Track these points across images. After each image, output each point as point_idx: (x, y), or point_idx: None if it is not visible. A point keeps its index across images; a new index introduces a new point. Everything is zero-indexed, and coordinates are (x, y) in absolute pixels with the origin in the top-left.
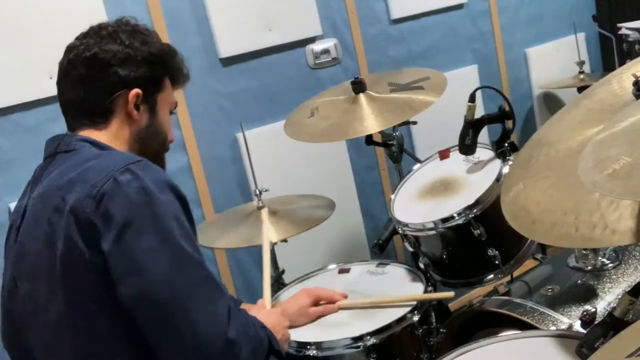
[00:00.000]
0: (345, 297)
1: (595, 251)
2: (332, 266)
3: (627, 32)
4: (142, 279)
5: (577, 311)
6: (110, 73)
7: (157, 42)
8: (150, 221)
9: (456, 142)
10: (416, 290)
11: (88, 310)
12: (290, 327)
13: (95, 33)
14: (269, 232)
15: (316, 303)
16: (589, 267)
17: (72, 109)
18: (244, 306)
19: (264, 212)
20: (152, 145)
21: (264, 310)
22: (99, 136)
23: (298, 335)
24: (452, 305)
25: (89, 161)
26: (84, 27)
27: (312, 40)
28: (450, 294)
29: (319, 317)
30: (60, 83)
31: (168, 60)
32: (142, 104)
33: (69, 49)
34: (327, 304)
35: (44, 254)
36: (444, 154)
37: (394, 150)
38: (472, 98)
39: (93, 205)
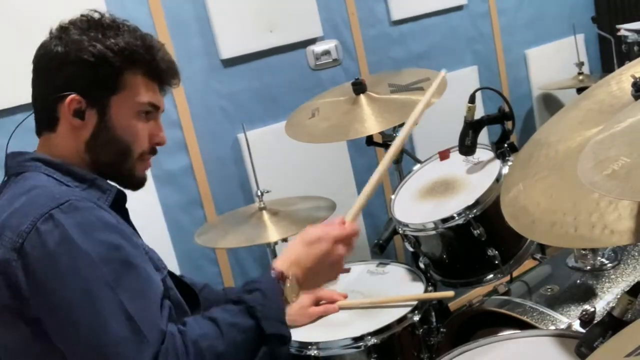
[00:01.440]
0: (346, 297)
1: (594, 251)
2: None
3: (626, 33)
4: (66, 337)
5: (576, 311)
6: (50, 78)
7: (114, 38)
8: (70, 272)
9: (456, 142)
10: (416, 290)
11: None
12: (291, 327)
13: (52, 32)
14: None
15: (317, 303)
16: (588, 267)
17: (35, 113)
18: None
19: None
20: (105, 155)
21: None
22: (55, 146)
23: (299, 335)
24: (452, 305)
25: (21, 197)
26: None
27: (312, 41)
28: (450, 293)
29: (320, 317)
30: None
31: (125, 57)
32: (88, 110)
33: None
34: (328, 303)
35: None
36: (444, 155)
37: None
38: (472, 99)
39: (17, 258)
